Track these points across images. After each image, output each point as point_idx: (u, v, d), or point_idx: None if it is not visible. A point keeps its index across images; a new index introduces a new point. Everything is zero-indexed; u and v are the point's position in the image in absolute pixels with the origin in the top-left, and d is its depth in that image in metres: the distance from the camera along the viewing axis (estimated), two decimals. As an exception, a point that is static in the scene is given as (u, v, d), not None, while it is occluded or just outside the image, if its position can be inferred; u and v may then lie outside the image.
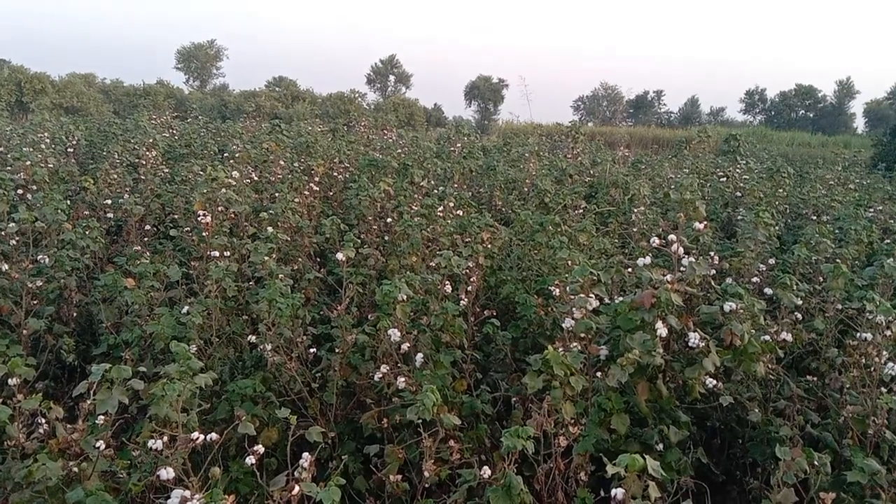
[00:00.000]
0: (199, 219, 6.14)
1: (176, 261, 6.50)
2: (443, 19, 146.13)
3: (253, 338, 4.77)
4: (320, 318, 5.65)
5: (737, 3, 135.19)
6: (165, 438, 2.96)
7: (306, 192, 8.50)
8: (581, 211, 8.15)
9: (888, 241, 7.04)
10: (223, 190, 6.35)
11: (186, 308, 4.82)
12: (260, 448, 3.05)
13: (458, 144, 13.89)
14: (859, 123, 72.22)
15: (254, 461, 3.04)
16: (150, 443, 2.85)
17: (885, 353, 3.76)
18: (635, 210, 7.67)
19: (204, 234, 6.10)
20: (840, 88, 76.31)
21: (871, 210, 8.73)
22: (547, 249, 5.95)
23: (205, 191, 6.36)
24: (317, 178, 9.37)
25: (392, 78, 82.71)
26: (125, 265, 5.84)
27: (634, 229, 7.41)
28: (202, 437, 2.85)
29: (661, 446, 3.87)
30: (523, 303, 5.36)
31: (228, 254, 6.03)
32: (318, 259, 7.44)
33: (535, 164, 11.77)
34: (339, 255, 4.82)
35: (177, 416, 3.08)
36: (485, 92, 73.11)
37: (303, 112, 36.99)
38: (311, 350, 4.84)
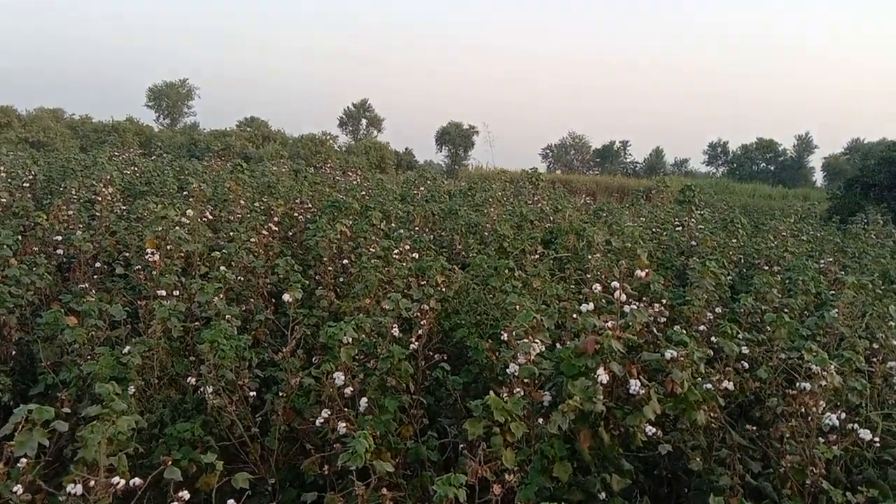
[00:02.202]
0: (148, 257, 6.06)
1: (124, 300, 6.37)
2: (418, 64, 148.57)
3: (193, 380, 4.67)
4: (269, 360, 5.56)
5: (700, 57, 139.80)
6: (91, 483, 2.86)
7: (264, 232, 8.44)
8: (538, 256, 8.21)
9: (834, 292, 7.19)
10: (175, 228, 6.27)
11: (128, 348, 4.71)
12: (185, 494, 2.96)
13: (422, 188, 13.98)
14: (818, 177, 74.55)
15: (179, 509, 2.95)
16: (69, 488, 2.74)
17: (822, 403, 3.81)
18: (591, 256, 7.75)
19: (153, 272, 6.01)
20: (799, 143, 78.98)
21: (822, 262, 8.94)
22: (500, 293, 5.97)
23: (156, 229, 6.29)
24: (276, 218, 9.32)
25: (364, 121, 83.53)
26: (70, 303, 5.71)
27: (589, 275, 7.47)
28: (123, 482, 2.75)
29: (603, 495, 3.85)
30: (475, 347, 5.34)
31: (177, 293, 5.93)
32: (273, 300, 7.35)
33: (497, 209, 11.88)
34: (286, 296, 4.77)
35: (103, 460, 2.99)
36: (455, 137, 74.01)
37: (272, 153, 36.99)
38: (252, 393, 4.73)
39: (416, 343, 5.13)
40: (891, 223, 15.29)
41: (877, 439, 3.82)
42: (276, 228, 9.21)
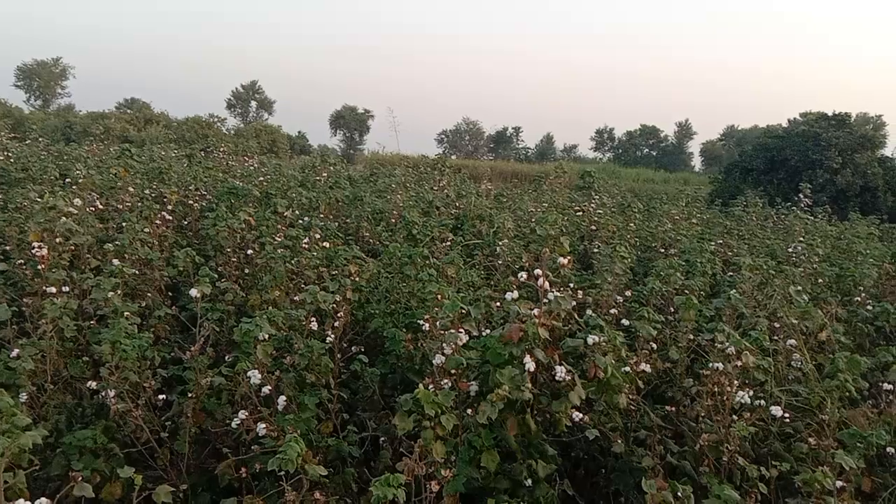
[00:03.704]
0: (34, 251, 5.54)
1: (6, 298, 5.81)
2: (308, 46, 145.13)
3: (93, 383, 4.31)
4: (172, 358, 5.22)
5: (585, 45, 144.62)
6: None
7: (158, 222, 7.94)
8: (448, 243, 8.18)
9: (730, 273, 7.59)
10: (62, 219, 5.77)
11: (16, 351, 4.29)
12: (97, 512, 2.70)
13: (324, 174, 13.64)
14: (697, 162, 79.13)
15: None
16: (-40, 516, 2.44)
17: (735, 382, 3.97)
18: (500, 243, 7.80)
19: (39, 267, 5.51)
20: (679, 129, 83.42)
21: (713, 243, 9.42)
22: (416, 282, 5.88)
23: (41, 220, 5.76)
24: (170, 207, 8.80)
25: (254, 104, 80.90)
26: (-60, 303, 5.13)
27: (499, 262, 7.52)
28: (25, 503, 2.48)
29: (529, 481, 3.86)
30: (392, 337, 5.23)
31: (67, 289, 5.47)
32: (171, 294, 6.93)
33: (402, 195, 11.76)
34: (193, 291, 4.49)
35: (-2, 480, 2.68)
36: (350, 121, 73.11)
37: (156, 136, 35.10)
38: (162, 396, 4.43)
39: (332, 336, 4.97)
40: (768, 206, 16.37)
41: (786, 415, 4.03)
42: (170, 217, 8.69)
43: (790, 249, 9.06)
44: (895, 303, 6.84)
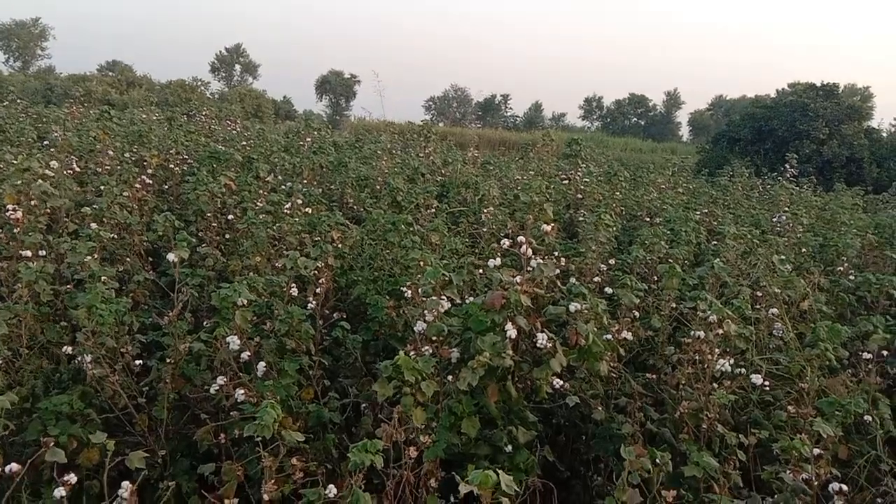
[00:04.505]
0: (8, 214, 5.43)
1: (-21, 261, 5.70)
2: (293, 8, 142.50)
3: (69, 349, 4.25)
4: (151, 324, 5.16)
5: (578, 11, 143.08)
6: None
7: (137, 185, 7.81)
8: (433, 210, 8.12)
9: (714, 241, 7.59)
10: (38, 182, 5.65)
11: (-10, 316, 4.21)
12: (72, 477, 2.68)
13: (308, 139, 13.45)
14: (685, 132, 79.08)
15: (64, 493, 2.66)
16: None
17: (716, 350, 3.97)
18: (485, 210, 7.75)
19: (15, 231, 5.40)
20: (668, 99, 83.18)
21: (698, 213, 9.42)
22: (399, 249, 5.83)
23: (16, 182, 5.64)
24: (150, 171, 8.66)
25: (238, 67, 79.76)
26: (-88, 266, 5.03)
27: (484, 229, 7.47)
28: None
29: (509, 448, 3.87)
30: (374, 304, 5.19)
31: (44, 253, 5.37)
32: (151, 259, 6.84)
33: (387, 161, 11.64)
34: (171, 256, 4.41)
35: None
36: (336, 87, 72.22)
37: (139, 99, 34.53)
38: (138, 362, 4.38)
39: (314, 302, 4.92)
40: (754, 176, 16.39)
41: (766, 383, 4.05)
42: (150, 181, 8.55)
43: (774, 219, 9.08)
44: (877, 273, 6.89)
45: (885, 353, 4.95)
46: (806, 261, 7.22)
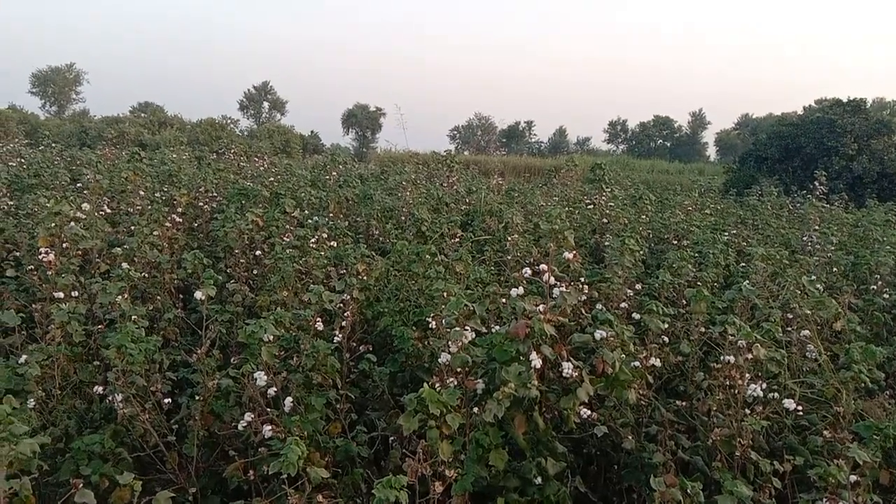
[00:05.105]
0: (41, 257, 5.57)
1: (16, 304, 5.84)
2: (319, 45, 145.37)
3: (101, 388, 4.32)
4: (181, 361, 5.23)
5: (597, 37, 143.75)
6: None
7: (168, 224, 7.96)
8: (458, 239, 8.14)
9: (743, 263, 7.48)
10: (70, 224, 5.79)
11: (24, 357, 4.30)
12: (101, 519, 2.70)
13: (334, 172, 13.63)
14: (711, 152, 78.50)
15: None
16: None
17: (747, 375, 3.90)
18: (509, 238, 7.74)
19: (48, 273, 5.54)
20: (693, 119, 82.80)
21: (726, 234, 9.30)
22: (424, 280, 5.85)
23: (50, 225, 5.79)
24: (180, 209, 8.83)
25: (266, 104, 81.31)
26: (-49, 310, 5.16)
27: (509, 257, 7.46)
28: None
29: (539, 479, 3.82)
30: (401, 336, 5.20)
31: (76, 294, 5.49)
32: (182, 296, 6.95)
33: (412, 192, 11.72)
34: (198, 294, 4.48)
35: (3, 485, 2.69)
36: (362, 120, 73.19)
37: (170, 139, 35.30)
38: (168, 400, 4.43)
39: (340, 335, 4.94)
40: (783, 194, 16.17)
41: (800, 408, 3.96)
42: (180, 220, 8.72)
43: (804, 238, 8.92)
44: (914, 290, 6.72)
45: (924, 373, 4.82)
46: (838, 280, 7.08)
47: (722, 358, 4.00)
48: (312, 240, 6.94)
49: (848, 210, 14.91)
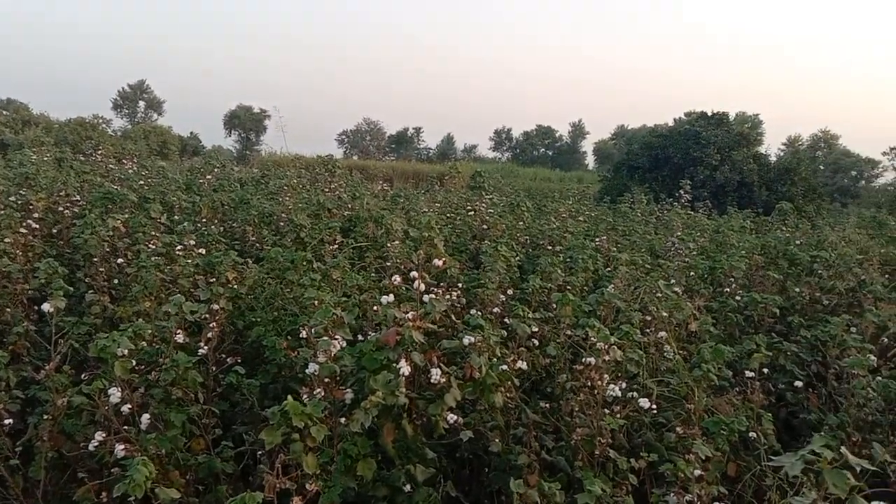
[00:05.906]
0: None
1: None
2: (204, 44, 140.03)
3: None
4: (32, 378, 4.85)
5: (485, 45, 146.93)
6: None
7: (23, 230, 7.39)
8: (337, 246, 8.04)
9: (610, 268, 7.83)
10: None
11: None
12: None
13: (209, 176, 13.12)
14: (590, 160, 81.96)
15: None
16: None
17: (606, 376, 4.07)
18: (389, 244, 7.73)
19: None
20: (574, 129, 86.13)
21: (597, 240, 9.71)
22: (298, 288, 5.73)
23: None
24: (37, 214, 8.22)
25: (142, 104, 77.37)
26: None
27: (388, 263, 7.45)
28: None
29: (408, 487, 3.82)
30: (272, 346, 5.06)
31: None
32: (37, 308, 6.45)
33: (292, 197, 11.48)
34: (46, 306, 4.17)
35: None
36: (245, 121, 71.12)
37: (35, 139, 32.86)
38: (8, 421, 4.10)
39: (206, 347, 4.75)
40: (653, 202, 17.09)
41: (654, 406, 4.17)
42: (38, 226, 8.12)
43: (668, 244, 9.46)
44: (763, 292, 7.27)
45: (765, 370, 5.21)
46: (696, 283, 7.54)
47: (583, 359, 4.15)
48: (178, 247, 6.63)
49: (711, 217, 15.95)
